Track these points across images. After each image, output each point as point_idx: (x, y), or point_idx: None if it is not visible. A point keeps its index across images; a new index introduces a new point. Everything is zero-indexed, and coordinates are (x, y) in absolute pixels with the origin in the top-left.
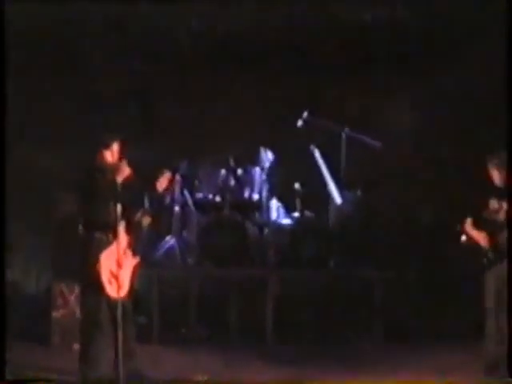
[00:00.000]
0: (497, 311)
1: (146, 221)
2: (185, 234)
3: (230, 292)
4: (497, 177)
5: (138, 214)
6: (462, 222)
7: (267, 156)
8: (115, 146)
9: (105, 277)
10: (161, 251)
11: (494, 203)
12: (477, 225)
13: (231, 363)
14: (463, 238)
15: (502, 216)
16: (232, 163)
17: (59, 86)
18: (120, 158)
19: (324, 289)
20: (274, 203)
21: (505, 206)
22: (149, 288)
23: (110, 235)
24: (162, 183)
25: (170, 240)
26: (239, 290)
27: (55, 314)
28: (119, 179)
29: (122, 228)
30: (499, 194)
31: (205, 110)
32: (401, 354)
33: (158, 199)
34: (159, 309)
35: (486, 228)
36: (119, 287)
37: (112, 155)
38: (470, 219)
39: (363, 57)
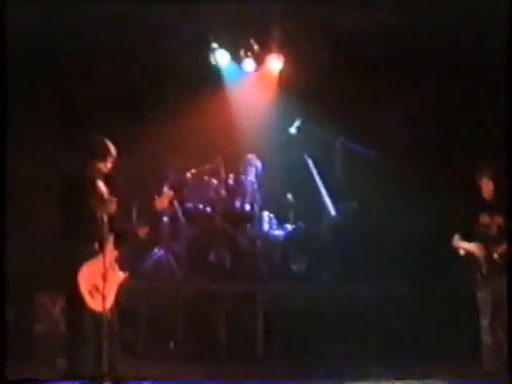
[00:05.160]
0: (492, 326)
1: (143, 231)
2: (174, 245)
3: (219, 306)
4: (487, 190)
5: (134, 225)
6: (452, 237)
7: (259, 166)
8: (110, 158)
9: (85, 289)
10: (149, 263)
11: (484, 217)
12: (469, 239)
13: (220, 379)
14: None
15: (494, 230)
16: (223, 173)
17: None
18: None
19: (317, 304)
20: (266, 214)
21: (497, 219)
22: (137, 300)
23: (96, 246)
24: (162, 202)
25: (158, 251)
26: (229, 304)
27: (37, 327)
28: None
29: (110, 240)
30: (489, 207)
31: (195, 118)
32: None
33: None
34: (147, 322)
35: (479, 242)
36: (103, 300)
37: (105, 166)
38: (458, 235)
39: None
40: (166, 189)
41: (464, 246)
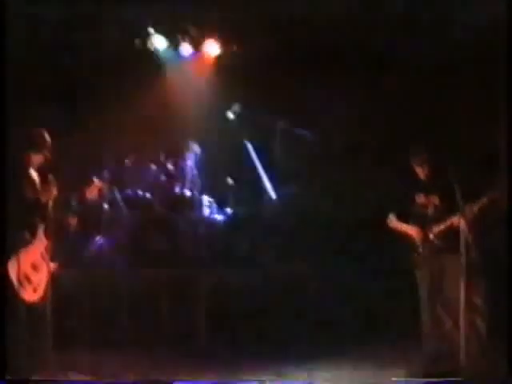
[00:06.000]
0: (431, 304)
1: (73, 221)
2: (114, 232)
3: (160, 292)
4: (421, 173)
5: (65, 215)
6: (387, 218)
7: (198, 151)
8: (46, 149)
9: (16, 279)
10: (90, 251)
11: (420, 197)
12: (405, 219)
13: (163, 364)
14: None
15: (430, 210)
16: (162, 158)
17: None
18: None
19: (258, 287)
20: (206, 199)
21: (433, 199)
22: (77, 289)
23: (27, 235)
24: (91, 192)
25: (99, 239)
26: (171, 290)
27: None
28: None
29: (41, 229)
30: (425, 188)
31: (133, 104)
32: (335, 352)
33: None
34: (89, 311)
35: (415, 222)
36: (33, 290)
37: (40, 157)
38: (393, 215)
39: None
40: (95, 179)
41: (400, 226)
